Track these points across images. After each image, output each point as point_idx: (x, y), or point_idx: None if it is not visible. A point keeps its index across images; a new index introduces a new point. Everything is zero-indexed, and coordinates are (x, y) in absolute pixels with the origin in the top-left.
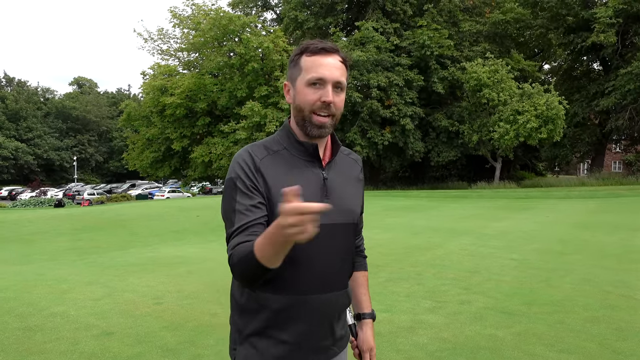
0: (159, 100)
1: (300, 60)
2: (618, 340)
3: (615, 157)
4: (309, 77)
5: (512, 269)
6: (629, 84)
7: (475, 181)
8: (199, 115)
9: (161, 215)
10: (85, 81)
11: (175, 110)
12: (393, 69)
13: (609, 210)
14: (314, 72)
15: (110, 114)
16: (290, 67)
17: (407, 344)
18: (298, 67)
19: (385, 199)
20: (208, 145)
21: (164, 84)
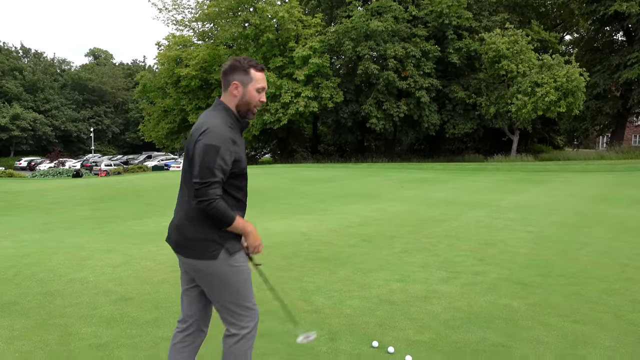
0: (174, 71)
1: (250, 72)
2: (634, 312)
3: (636, 131)
4: (258, 86)
5: (527, 242)
6: None
7: (492, 154)
8: (214, 87)
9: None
10: (101, 52)
11: (190, 81)
12: (410, 39)
13: (628, 184)
14: (260, 83)
15: (125, 86)
16: (241, 73)
17: (420, 312)
18: (249, 76)
19: (400, 171)
20: None
21: (179, 54)
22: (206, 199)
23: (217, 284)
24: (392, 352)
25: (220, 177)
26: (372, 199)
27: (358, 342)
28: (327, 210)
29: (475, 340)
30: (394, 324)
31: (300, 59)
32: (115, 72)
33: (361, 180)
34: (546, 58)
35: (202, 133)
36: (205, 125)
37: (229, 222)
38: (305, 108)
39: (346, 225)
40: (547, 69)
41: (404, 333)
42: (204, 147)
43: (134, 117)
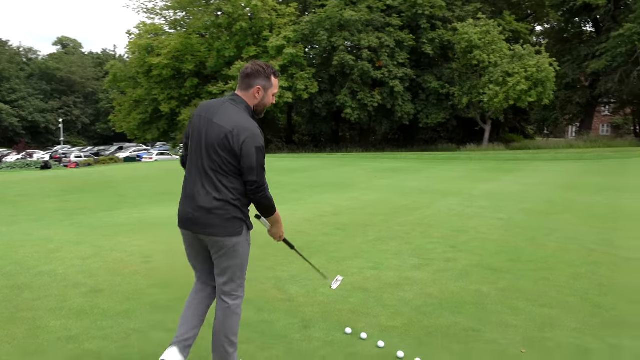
0: (145, 60)
1: (271, 79)
2: (599, 295)
3: (604, 120)
4: (275, 91)
5: (498, 229)
6: (620, 47)
7: (465, 144)
8: (187, 77)
9: (149, 177)
10: (70, 41)
11: (162, 71)
12: (384, 29)
13: (596, 172)
14: (276, 89)
15: (95, 75)
16: (264, 79)
17: (393, 299)
18: (270, 82)
19: (374, 161)
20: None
21: (150, 43)
22: (263, 194)
23: (233, 256)
24: (364, 338)
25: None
26: (346, 188)
27: (331, 329)
28: (301, 200)
29: (447, 325)
30: (367, 310)
31: (275, 49)
32: (84, 62)
33: (335, 170)
34: (517, 48)
35: (250, 137)
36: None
37: (275, 209)
38: (279, 98)
39: (320, 215)
40: (518, 59)
41: (376, 319)
42: (257, 151)
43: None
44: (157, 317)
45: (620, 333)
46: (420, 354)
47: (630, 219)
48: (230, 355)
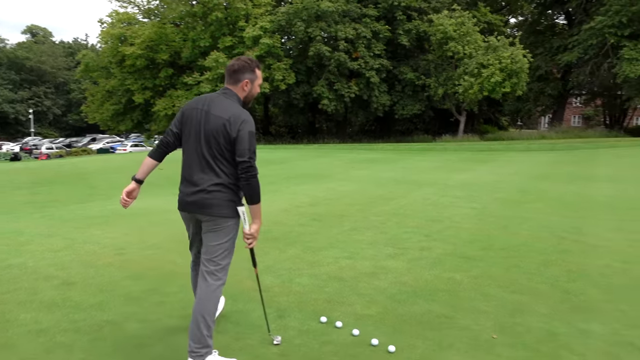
0: (118, 50)
1: (256, 71)
2: (568, 282)
3: (575, 112)
4: (260, 82)
5: (472, 218)
6: (591, 39)
7: (440, 135)
8: (161, 67)
9: (123, 168)
10: (39, 30)
11: (136, 61)
12: (360, 20)
13: (567, 162)
14: (261, 79)
15: (67, 65)
16: (250, 72)
17: (368, 288)
18: (255, 75)
19: (351, 152)
20: (171, 98)
21: (123, 32)
22: (253, 174)
23: (223, 236)
24: (340, 326)
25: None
26: (323, 179)
27: (307, 319)
28: (278, 191)
29: (420, 313)
30: (342, 299)
31: (251, 39)
32: (55, 51)
33: (312, 161)
34: (492, 40)
35: (243, 122)
36: (242, 116)
37: (260, 198)
38: None
39: (296, 205)
40: (493, 50)
41: (351, 308)
42: (250, 135)
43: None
44: (130, 309)
45: (588, 318)
46: (395, 341)
47: (599, 208)
48: (205, 337)
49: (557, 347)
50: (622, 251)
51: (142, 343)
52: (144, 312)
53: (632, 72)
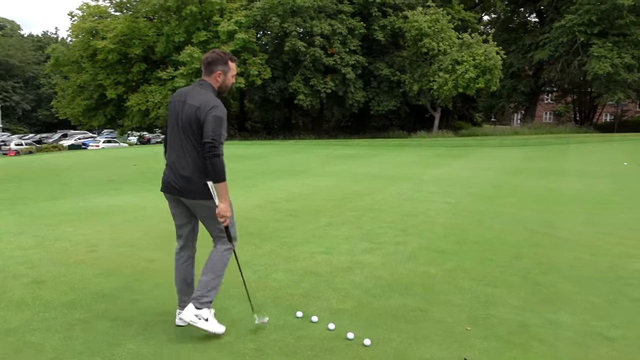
0: (90, 44)
1: (228, 63)
2: (539, 274)
3: (547, 108)
4: (233, 73)
5: (446, 212)
6: (562, 37)
7: (415, 130)
8: (134, 62)
9: (96, 164)
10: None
11: (108, 55)
12: (336, 16)
13: (539, 158)
14: (234, 71)
15: (36, 59)
16: (222, 64)
17: (344, 282)
18: (228, 67)
19: (327, 147)
20: (145, 93)
21: (95, 26)
22: (215, 153)
23: (214, 216)
24: (315, 321)
25: (223, 141)
26: (299, 174)
27: (282, 314)
28: (253, 186)
29: (396, 306)
30: (318, 294)
31: (226, 34)
32: (23, 45)
33: (288, 157)
34: (466, 37)
35: (212, 107)
36: (212, 102)
37: (224, 177)
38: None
39: (272, 201)
40: (467, 47)
41: (327, 303)
42: (215, 118)
43: (47, 93)
44: (102, 307)
45: (558, 309)
46: (370, 335)
47: (569, 202)
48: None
49: (529, 338)
50: (592, 244)
51: (115, 341)
52: (117, 310)
53: (601, 69)
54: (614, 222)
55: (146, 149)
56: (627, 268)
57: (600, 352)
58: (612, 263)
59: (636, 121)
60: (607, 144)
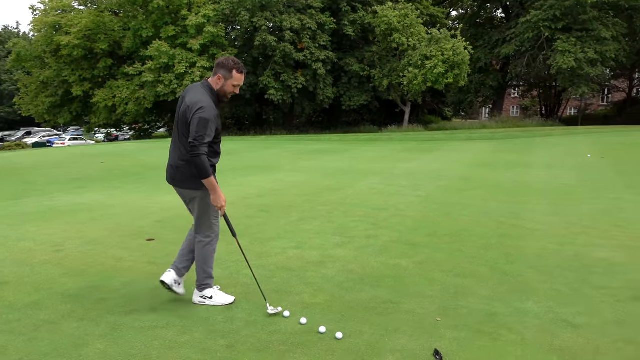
0: (53, 39)
1: (232, 72)
2: (507, 264)
3: (514, 102)
4: (235, 83)
5: (417, 205)
6: (527, 32)
7: (386, 125)
8: (100, 57)
9: (61, 162)
10: None
11: (73, 51)
12: (305, 11)
13: (506, 151)
14: (237, 82)
15: None
16: (226, 70)
17: (316, 277)
18: (231, 74)
19: (298, 143)
20: (111, 89)
21: (58, 20)
22: (196, 154)
23: (199, 206)
24: (287, 316)
25: (207, 141)
26: (270, 170)
27: (254, 309)
28: (224, 182)
29: (367, 299)
30: (290, 289)
31: (194, 28)
32: None
33: (259, 153)
34: (434, 32)
35: (199, 109)
36: (200, 103)
37: (206, 175)
38: (201, 78)
39: (243, 197)
40: (435, 42)
41: (299, 297)
42: (199, 120)
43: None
44: (69, 307)
45: (525, 298)
46: (342, 328)
47: (536, 193)
48: (204, 279)
49: (497, 327)
50: (557, 234)
51: (82, 342)
52: (83, 310)
53: (565, 63)
54: (578, 213)
55: (114, 146)
56: (591, 257)
57: (566, 339)
58: (576, 252)
59: (599, 115)
60: (571, 137)
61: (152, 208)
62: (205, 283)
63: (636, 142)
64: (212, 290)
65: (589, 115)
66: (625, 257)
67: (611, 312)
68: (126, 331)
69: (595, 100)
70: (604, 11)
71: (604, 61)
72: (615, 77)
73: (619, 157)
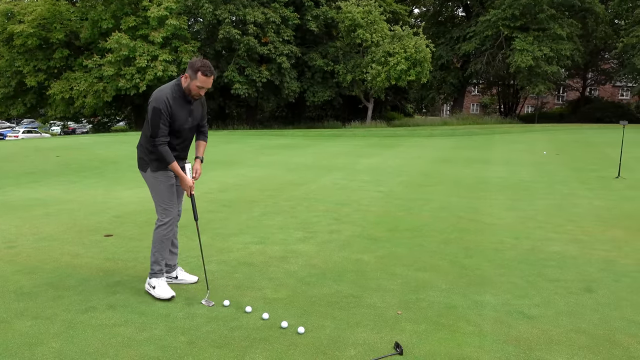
0: (6, 27)
1: (198, 74)
2: (466, 258)
3: (474, 100)
4: (199, 84)
5: (378, 200)
6: (487, 31)
7: (350, 121)
8: (56, 47)
9: (14, 155)
10: None
11: (27, 40)
12: (269, 4)
13: (466, 147)
14: (201, 84)
15: None
16: (192, 70)
17: (278, 272)
18: (195, 75)
19: (261, 138)
20: (68, 81)
21: (10, 8)
22: (154, 144)
23: (149, 187)
24: (249, 311)
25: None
26: (233, 165)
27: (215, 305)
28: None
29: (329, 293)
30: (251, 284)
31: (156, 20)
32: None
33: (221, 147)
34: (397, 29)
35: (151, 100)
36: (156, 94)
37: (169, 161)
38: (163, 72)
39: (205, 192)
40: (398, 39)
41: (261, 292)
42: (151, 110)
43: None
44: (22, 305)
45: (482, 290)
46: (304, 322)
47: (494, 189)
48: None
49: (456, 319)
50: (514, 228)
51: (36, 341)
52: (38, 308)
53: (523, 62)
54: (534, 208)
55: (70, 140)
56: (546, 250)
57: (521, 330)
58: (532, 246)
59: (554, 113)
60: (529, 134)
61: (111, 203)
62: (153, 270)
63: (589, 140)
64: (157, 281)
65: (545, 114)
66: (578, 251)
67: (564, 304)
68: (82, 329)
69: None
70: (560, 11)
71: (559, 59)
72: (570, 76)
73: (573, 154)
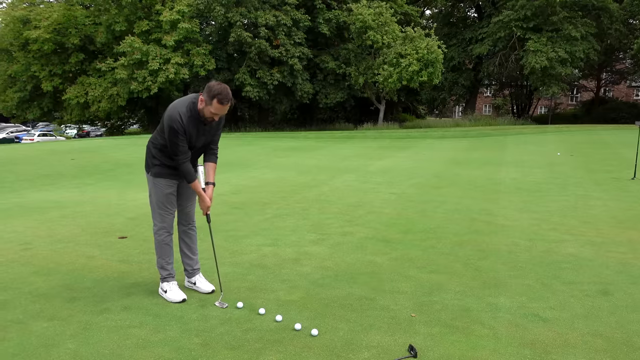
0: (21, 33)
1: (213, 101)
2: (480, 260)
3: (486, 101)
4: (213, 110)
5: (391, 202)
6: (499, 32)
7: (361, 123)
8: (71, 52)
9: (30, 158)
10: None
11: (43, 45)
12: (280, 7)
13: (479, 148)
14: (215, 110)
15: None
16: (208, 96)
17: (291, 274)
18: (211, 102)
19: (273, 140)
20: (83, 85)
21: (26, 14)
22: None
23: (148, 190)
24: (262, 313)
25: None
26: (245, 167)
27: (229, 307)
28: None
29: (342, 296)
30: (265, 286)
31: (168, 24)
32: None
33: (234, 149)
34: (409, 30)
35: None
36: (169, 110)
37: (191, 179)
38: (175, 75)
39: (218, 194)
40: (410, 40)
41: (274, 294)
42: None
43: None
44: (38, 306)
45: (497, 293)
46: (318, 325)
47: (507, 190)
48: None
49: (470, 322)
50: (528, 230)
51: (52, 342)
52: (54, 310)
53: (536, 63)
54: (549, 209)
55: (85, 142)
56: (561, 252)
57: (537, 333)
58: (547, 248)
59: (568, 114)
60: (542, 135)
61: (125, 205)
62: (161, 275)
63: (603, 140)
64: (168, 284)
65: (559, 114)
66: (593, 253)
67: (580, 307)
68: (98, 330)
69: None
70: (573, 11)
71: (573, 61)
72: (584, 77)
73: (588, 155)
